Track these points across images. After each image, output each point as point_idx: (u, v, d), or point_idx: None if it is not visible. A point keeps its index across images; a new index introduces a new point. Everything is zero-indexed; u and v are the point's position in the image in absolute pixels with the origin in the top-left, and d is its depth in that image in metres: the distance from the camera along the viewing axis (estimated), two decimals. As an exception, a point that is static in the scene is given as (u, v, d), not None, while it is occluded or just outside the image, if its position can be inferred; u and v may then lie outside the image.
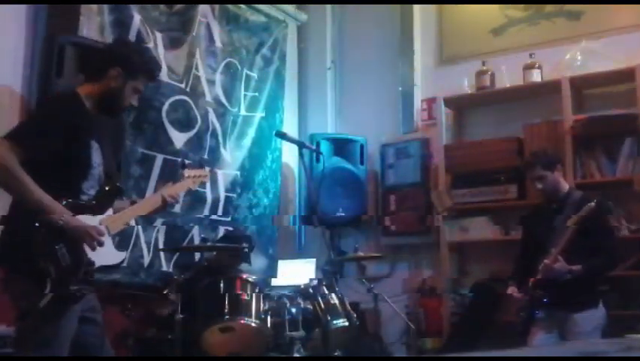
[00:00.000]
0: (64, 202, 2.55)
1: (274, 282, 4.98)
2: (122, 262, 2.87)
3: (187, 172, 3.11)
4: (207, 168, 3.39)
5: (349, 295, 4.68)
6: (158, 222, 4.47)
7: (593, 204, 3.40)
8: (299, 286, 4.00)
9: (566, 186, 3.72)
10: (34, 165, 2.49)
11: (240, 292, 3.77)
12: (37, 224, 2.45)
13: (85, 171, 2.67)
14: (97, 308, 2.81)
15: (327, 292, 3.84)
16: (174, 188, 3.03)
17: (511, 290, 3.64)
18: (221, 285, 3.77)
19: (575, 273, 3.42)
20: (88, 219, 2.62)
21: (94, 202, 2.68)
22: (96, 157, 2.71)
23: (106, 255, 2.65)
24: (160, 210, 3.02)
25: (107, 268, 2.73)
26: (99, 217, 2.67)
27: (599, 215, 3.45)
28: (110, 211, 2.73)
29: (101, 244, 2.60)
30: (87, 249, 2.58)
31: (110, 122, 2.94)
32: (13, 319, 2.64)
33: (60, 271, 2.47)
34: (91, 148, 2.70)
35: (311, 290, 3.88)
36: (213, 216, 4.88)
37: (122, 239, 2.85)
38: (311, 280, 3.96)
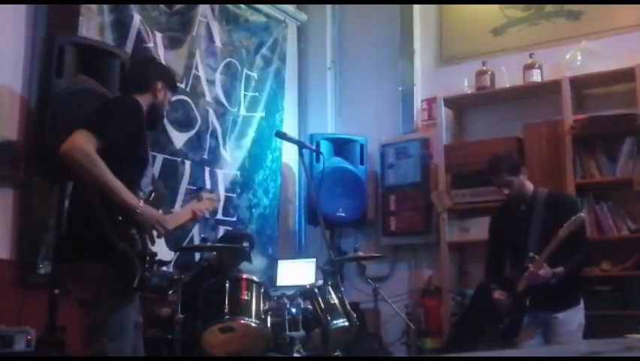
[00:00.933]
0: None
1: (279, 282, 4.98)
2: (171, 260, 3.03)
3: (205, 195, 3.34)
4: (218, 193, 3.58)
5: (350, 295, 4.70)
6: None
7: (582, 215, 3.41)
8: (304, 286, 4.01)
9: (530, 186, 3.69)
10: (105, 155, 2.60)
11: (240, 292, 3.77)
12: (115, 212, 2.60)
13: (145, 169, 2.82)
14: (138, 308, 2.91)
15: (331, 292, 3.85)
16: (201, 204, 3.25)
17: (499, 294, 3.61)
18: (227, 285, 3.77)
19: (558, 275, 3.42)
20: None
21: (147, 200, 2.79)
22: (151, 158, 2.91)
23: (163, 250, 2.87)
24: (187, 223, 3.31)
25: (163, 263, 2.92)
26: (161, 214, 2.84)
27: (581, 227, 3.47)
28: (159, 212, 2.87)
29: (164, 235, 2.79)
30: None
31: None
32: (84, 308, 2.68)
33: (136, 255, 2.63)
34: (148, 148, 2.87)
35: (316, 290, 3.88)
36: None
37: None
38: (317, 280, 3.96)
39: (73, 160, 2.58)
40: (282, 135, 3.77)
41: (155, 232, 2.77)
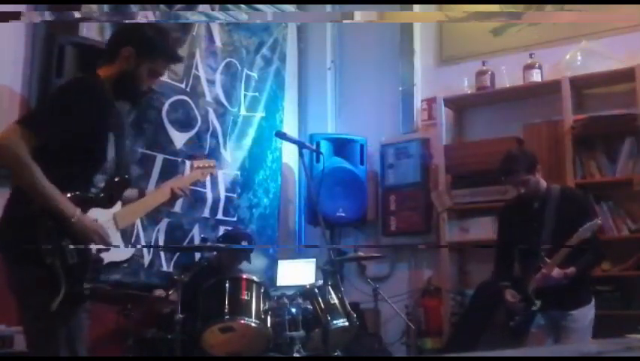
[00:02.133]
0: (72, 194, 2.41)
1: (279, 282, 4.98)
2: (131, 258, 2.78)
3: (196, 163, 3.03)
4: (213, 159, 3.27)
5: (350, 295, 4.69)
6: (163, 222, 4.48)
7: (599, 222, 3.41)
8: (304, 286, 4.00)
9: (544, 183, 3.65)
10: (45, 153, 2.32)
11: (240, 292, 3.77)
12: (44, 219, 2.32)
13: (99, 166, 2.55)
14: (87, 308, 2.65)
15: (331, 291, 3.84)
16: (183, 180, 2.95)
17: (511, 296, 3.60)
18: (227, 285, 3.77)
19: (570, 276, 3.42)
20: (98, 213, 2.51)
21: (102, 195, 2.56)
22: (111, 151, 2.58)
23: (114, 251, 2.56)
24: (168, 202, 2.89)
25: (114, 265, 2.65)
26: (110, 211, 2.57)
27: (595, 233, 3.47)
28: (118, 204, 2.62)
29: (107, 245, 2.49)
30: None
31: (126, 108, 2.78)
32: (20, 316, 2.49)
33: (69, 268, 2.36)
34: (107, 142, 2.55)
35: (316, 290, 3.89)
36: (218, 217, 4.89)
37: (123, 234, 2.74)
38: (317, 280, 3.96)
39: (1, 162, 2.34)
40: (282, 135, 3.77)
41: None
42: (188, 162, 4.53)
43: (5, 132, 2.31)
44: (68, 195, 2.40)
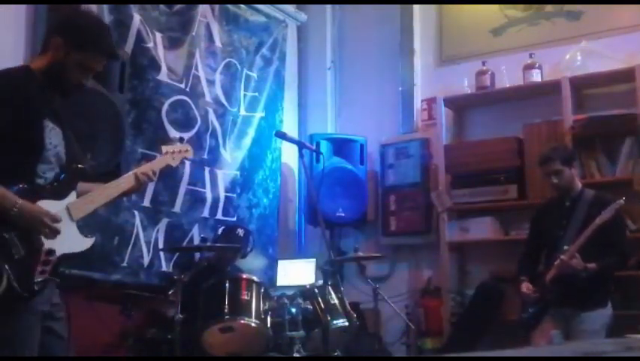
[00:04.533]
0: (18, 187, 2.35)
1: (279, 282, 4.98)
2: (90, 248, 2.59)
3: (165, 148, 2.91)
4: (187, 145, 3.08)
5: (350, 295, 4.69)
6: (162, 222, 4.48)
7: (622, 201, 3.42)
8: (304, 286, 4.00)
9: (579, 184, 3.73)
10: None
11: (240, 292, 3.77)
12: None
13: (38, 153, 2.43)
14: (60, 306, 2.56)
15: (331, 291, 3.84)
16: (149, 165, 2.80)
17: (525, 287, 3.63)
18: (227, 285, 3.77)
19: (590, 271, 3.43)
20: (49, 205, 2.42)
21: (53, 185, 2.47)
22: (53, 138, 2.48)
23: (70, 242, 2.47)
24: (134, 190, 2.77)
25: (72, 257, 2.53)
26: (63, 202, 2.48)
27: (619, 215, 3.48)
28: (72, 195, 2.53)
29: (56, 232, 2.39)
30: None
31: (89, 103, 2.70)
32: None
33: (13, 263, 2.28)
34: (44, 128, 2.45)
35: (316, 290, 3.88)
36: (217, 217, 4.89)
37: (88, 224, 2.66)
38: (317, 280, 3.96)
39: None
40: (282, 135, 3.77)
41: (42, 234, 2.37)
42: (187, 162, 4.52)
43: None
44: (14, 188, 2.34)
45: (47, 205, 2.42)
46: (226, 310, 3.68)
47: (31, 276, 2.33)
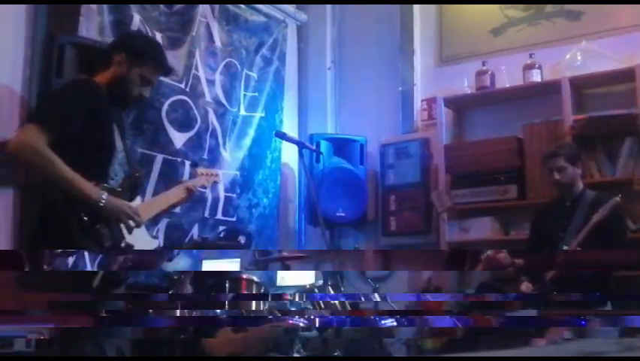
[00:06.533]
0: (97, 184, 2.52)
1: (279, 282, 4.97)
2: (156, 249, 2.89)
3: (200, 170, 3.18)
4: (217, 171, 3.46)
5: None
6: (162, 222, 4.48)
7: (618, 198, 3.41)
8: (304, 286, 4.00)
9: (581, 185, 3.73)
10: (61, 148, 2.43)
11: (239, 292, 3.77)
12: (77, 208, 2.42)
13: (111, 155, 2.64)
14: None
15: (331, 292, 3.84)
16: (193, 181, 3.09)
17: (525, 286, 3.63)
18: (227, 285, 3.77)
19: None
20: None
21: (123, 187, 2.64)
22: (118, 142, 2.69)
23: (141, 241, 2.67)
24: (183, 201, 3.09)
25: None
26: (132, 204, 2.65)
27: (616, 213, 3.47)
28: (138, 198, 2.71)
29: (138, 225, 2.61)
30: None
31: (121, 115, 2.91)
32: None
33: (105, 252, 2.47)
34: (114, 132, 2.67)
35: (316, 290, 3.88)
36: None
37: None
38: (317, 280, 3.96)
39: (25, 160, 2.45)
40: (282, 135, 3.78)
41: (125, 225, 2.59)
42: (187, 162, 4.55)
43: (22, 132, 2.46)
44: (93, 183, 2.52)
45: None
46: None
47: (116, 265, 2.56)
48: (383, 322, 3.71)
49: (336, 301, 3.86)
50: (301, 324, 3.40)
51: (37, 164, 2.42)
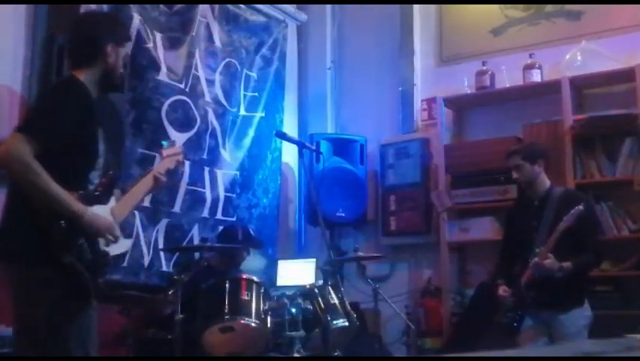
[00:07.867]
0: (77, 194, 2.50)
1: (279, 282, 4.97)
2: (127, 251, 2.87)
3: (164, 152, 3.08)
4: (178, 147, 3.25)
5: (350, 295, 4.69)
6: (162, 222, 4.48)
7: (581, 207, 3.41)
8: (304, 286, 4.00)
9: (547, 182, 3.71)
10: (45, 155, 2.41)
11: (240, 292, 3.77)
12: (60, 221, 2.42)
13: (93, 161, 2.62)
14: (95, 306, 2.72)
15: (331, 291, 3.84)
16: (158, 168, 2.99)
17: (502, 290, 3.62)
18: (227, 285, 3.77)
19: (566, 270, 3.42)
20: (99, 210, 2.58)
21: (98, 190, 2.62)
22: (101, 146, 2.67)
23: (116, 245, 2.67)
24: (153, 189, 2.99)
25: (116, 258, 2.77)
26: (107, 207, 2.64)
27: (586, 215, 3.46)
28: (112, 199, 2.69)
29: (117, 240, 2.62)
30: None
31: (105, 106, 2.88)
32: (22, 317, 2.52)
33: (85, 265, 2.47)
34: (98, 137, 2.64)
35: (316, 290, 3.88)
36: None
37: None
38: (317, 280, 3.96)
39: (10, 170, 2.42)
40: (282, 135, 3.77)
41: (105, 240, 2.58)
42: (186, 162, 4.54)
43: (9, 141, 2.40)
44: (74, 194, 2.49)
45: (99, 210, 2.58)
46: (226, 310, 3.68)
47: (96, 277, 2.54)
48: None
49: (336, 302, 3.86)
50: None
51: (24, 177, 2.39)
